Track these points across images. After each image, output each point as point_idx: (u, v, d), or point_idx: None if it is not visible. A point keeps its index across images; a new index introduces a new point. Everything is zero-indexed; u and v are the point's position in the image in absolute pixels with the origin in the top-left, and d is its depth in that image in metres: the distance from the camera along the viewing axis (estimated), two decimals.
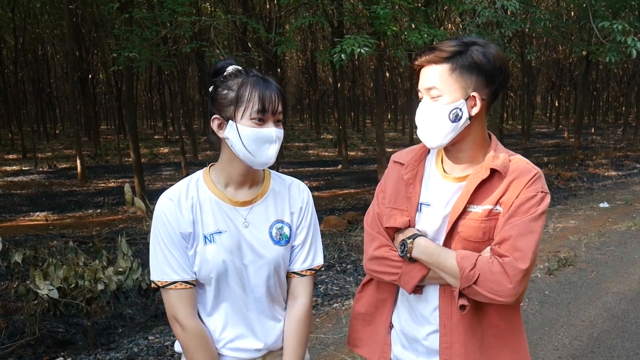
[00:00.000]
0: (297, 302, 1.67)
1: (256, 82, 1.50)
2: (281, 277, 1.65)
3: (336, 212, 10.10)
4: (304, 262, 1.67)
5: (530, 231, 1.45)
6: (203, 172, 1.64)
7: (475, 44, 1.49)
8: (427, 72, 1.51)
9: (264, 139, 1.49)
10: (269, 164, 1.54)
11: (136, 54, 8.04)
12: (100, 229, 9.19)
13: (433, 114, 1.50)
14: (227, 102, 1.51)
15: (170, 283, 1.54)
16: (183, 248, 1.55)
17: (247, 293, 1.59)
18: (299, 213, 1.66)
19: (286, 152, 22.24)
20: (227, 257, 1.54)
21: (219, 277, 1.55)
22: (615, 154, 18.58)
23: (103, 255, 4.78)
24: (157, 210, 1.57)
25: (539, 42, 25.93)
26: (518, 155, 1.58)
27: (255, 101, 1.48)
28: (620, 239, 7.11)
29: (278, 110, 1.51)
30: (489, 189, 1.52)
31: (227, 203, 1.58)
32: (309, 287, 1.69)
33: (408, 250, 1.54)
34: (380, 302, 1.74)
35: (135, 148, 11.44)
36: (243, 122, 1.49)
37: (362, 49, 7.18)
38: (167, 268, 1.54)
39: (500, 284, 1.42)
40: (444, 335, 1.57)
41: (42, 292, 4.08)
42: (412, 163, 1.66)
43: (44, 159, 20.76)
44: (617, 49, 9.05)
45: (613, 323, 4.37)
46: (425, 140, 1.55)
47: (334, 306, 4.96)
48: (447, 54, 1.47)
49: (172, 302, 1.55)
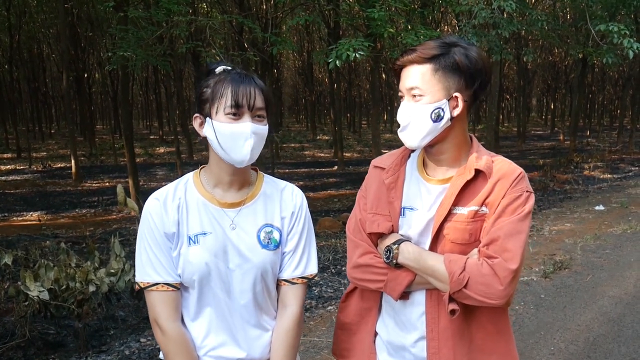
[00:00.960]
0: (286, 311, 1.61)
1: (232, 78, 1.46)
2: (269, 284, 1.59)
3: (331, 213, 10.06)
4: (295, 269, 1.61)
5: (518, 231, 1.43)
6: (193, 173, 1.61)
7: (458, 45, 1.49)
8: (409, 72, 1.50)
9: (237, 135, 1.44)
10: (245, 162, 1.48)
11: (131, 53, 7.98)
12: (93, 229, 9.12)
13: (414, 114, 1.48)
14: (204, 100, 1.49)
15: (153, 284, 1.50)
16: (167, 249, 1.51)
17: (232, 299, 1.54)
18: (290, 218, 1.61)
19: (282, 153, 22.19)
20: (210, 260, 1.49)
21: (201, 280, 1.50)
22: (611, 157, 18.60)
23: (95, 257, 4.75)
24: (144, 210, 1.54)
25: (534, 44, 25.96)
26: (500, 156, 1.57)
27: (229, 96, 1.44)
28: (616, 242, 7.10)
29: (255, 105, 1.46)
30: (474, 190, 1.50)
31: (215, 204, 1.54)
32: (300, 295, 1.62)
33: (394, 257, 1.51)
34: (364, 311, 1.71)
35: (129, 148, 11.37)
36: (218, 118, 1.45)
37: (357, 53, 7.15)
38: (150, 269, 1.51)
39: (491, 286, 1.40)
40: (431, 340, 1.54)
41: (32, 294, 4.03)
42: (393, 167, 1.64)
43: (39, 159, 20.64)
44: (614, 50, 9.06)
45: (609, 327, 4.35)
46: (406, 140, 1.53)
47: (328, 309, 4.92)
48: (429, 55, 1.46)
49: (153, 304, 1.51)
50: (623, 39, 7.94)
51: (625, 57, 8.52)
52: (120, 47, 8.05)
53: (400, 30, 9.63)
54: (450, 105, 1.48)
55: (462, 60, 1.46)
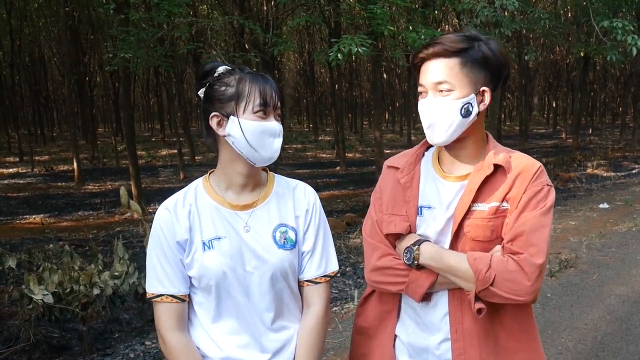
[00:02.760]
0: (310, 310, 1.60)
1: (254, 77, 1.47)
2: (291, 285, 1.57)
3: (334, 214, 10.03)
4: (317, 268, 1.59)
5: (542, 225, 1.41)
6: (203, 178, 1.60)
7: (480, 39, 1.47)
8: (435, 66, 1.46)
9: (268, 132, 1.46)
10: (273, 159, 1.49)
11: (132, 54, 7.97)
12: (97, 232, 9.11)
13: (443, 110, 1.45)
14: (226, 98, 1.47)
15: (157, 295, 1.51)
16: (175, 261, 1.51)
17: (252, 302, 1.52)
18: (305, 216, 1.59)
19: (284, 154, 22.17)
20: (227, 264, 1.48)
21: (219, 285, 1.49)
22: (614, 155, 18.55)
23: (99, 259, 4.73)
24: (154, 221, 1.54)
25: (536, 42, 25.92)
26: (517, 152, 1.55)
27: (257, 95, 1.45)
28: (621, 240, 7.06)
29: (278, 104, 1.49)
30: (493, 185, 1.48)
31: (227, 208, 1.53)
32: (324, 294, 1.61)
33: (415, 258, 1.48)
34: (384, 314, 1.67)
35: (131, 151, 11.36)
36: (246, 117, 1.45)
37: (359, 48, 7.14)
38: (156, 281, 1.51)
39: (518, 282, 1.37)
40: (456, 341, 1.51)
41: (36, 297, 4.01)
42: (407, 166, 1.61)
43: (41, 162, 20.66)
44: (617, 47, 9.02)
45: (617, 326, 4.32)
46: (434, 136, 1.49)
47: (334, 310, 4.89)
48: (457, 48, 1.44)
49: (158, 314, 1.52)
50: (627, 36, 7.90)
51: (628, 54, 8.49)
52: (122, 49, 8.05)
53: (402, 29, 9.61)
54: (477, 100, 1.47)
55: (489, 53, 1.45)
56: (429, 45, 1.47)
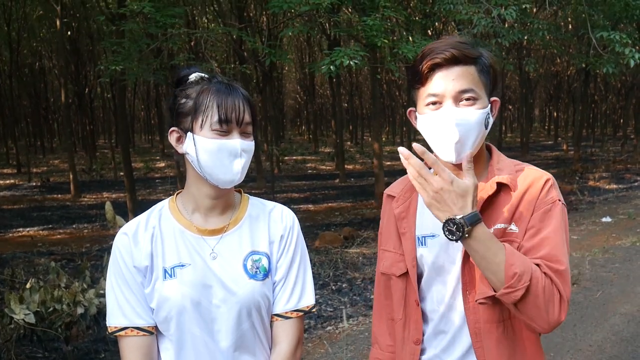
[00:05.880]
0: (276, 350, 1.41)
1: (218, 89, 1.29)
2: (264, 320, 1.39)
3: (332, 227, 9.88)
4: (287, 301, 1.40)
5: (563, 253, 1.29)
6: (169, 199, 1.43)
7: (479, 47, 1.36)
8: (456, 72, 1.28)
9: (227, 152, 1.27)
10: (235, 182, 1.32)
11: (123, 67, 7.86)
12: (90, 246, 8.97)
13: (473, 120, 1.28)
14: (184, 112, 1.31)
15: (121, 329, 1.32)
16: (138, 289, 1.33)
17: (216, 340, 1.34)
18: (279, 242, 1.41)
19: (283, 166, 22.08)
20: (190, 295, 1.31)
21: (179, 318, 1.31)
22: (616, 167, 18.38)
23: (86, 276, 4.60)
24: (113, 247, 1.37)
25: (536, 54, 25.88)
26: (526, 165, 1.41)
27: (215, 110, 1.27)
28: (625, 255, 6.88)
29: (244, 120, 1.30)
30: (497, 206, 1.33)
31: (193, 232, 1.37)
32: (293, 331, 1.41)
33: (467, 232, 1.19)
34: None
35: (126, 162, 11.24)
36: (203, 134, 1.28)
37: (352, 61, 7.07)
38: (118, 312, 1.33)
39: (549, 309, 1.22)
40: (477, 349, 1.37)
41: (17, 317, 3.86)
42: (402, 195, 1.47)
43: (39, 174, 20.54)
44: (615, 60, 8.94)
45: (622, 347, 4.14)
46: (456, 151, 1.28)
47: (328, 329, 4.72)
48: (475, 55, 1.31)
49: (123, 351, 1.33)
50: (624, 48, 7.82)
51: (626, 66, 8.41)
52: (114, 61, 7.93)
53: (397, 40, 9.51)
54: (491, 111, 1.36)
55: (493, 63, 1.36)
56: (437, 51, 1.29)
